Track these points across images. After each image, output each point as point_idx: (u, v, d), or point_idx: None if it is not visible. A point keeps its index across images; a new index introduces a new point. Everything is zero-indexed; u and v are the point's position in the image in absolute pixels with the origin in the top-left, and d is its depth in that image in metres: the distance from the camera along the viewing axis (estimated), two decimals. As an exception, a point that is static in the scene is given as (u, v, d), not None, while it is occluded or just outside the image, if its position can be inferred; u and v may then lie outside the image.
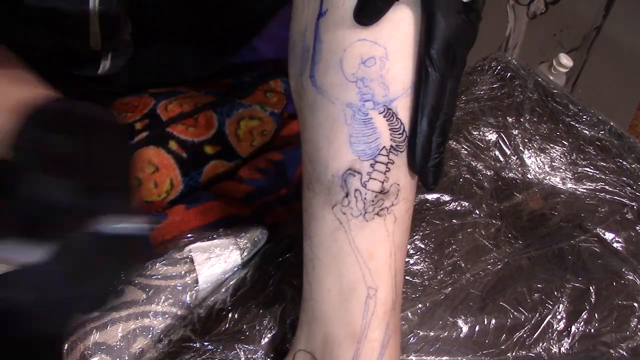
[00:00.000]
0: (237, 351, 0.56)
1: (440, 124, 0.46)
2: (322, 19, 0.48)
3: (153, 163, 0.73)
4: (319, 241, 0.50)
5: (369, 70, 0.46)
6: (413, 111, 0.47)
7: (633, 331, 0.62)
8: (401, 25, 0.46)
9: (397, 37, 0.46)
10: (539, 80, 0.83)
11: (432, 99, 0.45)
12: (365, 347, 0.48)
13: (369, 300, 0.48)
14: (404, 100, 0.46)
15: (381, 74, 0.46)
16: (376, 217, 0.48)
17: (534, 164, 0.75)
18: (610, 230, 0.70)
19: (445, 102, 0.46)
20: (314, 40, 0.49)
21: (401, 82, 0.46)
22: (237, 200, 0.75)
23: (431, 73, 0.45)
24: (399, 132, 0.47)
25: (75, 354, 0.56)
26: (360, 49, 0.46)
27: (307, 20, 0.49)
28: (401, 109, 0.47)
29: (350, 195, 0.47)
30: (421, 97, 0.45)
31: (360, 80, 0.46)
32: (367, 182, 0.47)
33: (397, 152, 0.47)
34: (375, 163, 0.47)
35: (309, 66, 0.49)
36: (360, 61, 0.46)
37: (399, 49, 0.46)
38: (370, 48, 0.46)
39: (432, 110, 0.45)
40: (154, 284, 0.60)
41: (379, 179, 0.47)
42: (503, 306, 0.62)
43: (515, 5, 1.31)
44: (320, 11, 0.48)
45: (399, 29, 0.46)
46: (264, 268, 0.62)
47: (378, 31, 0.46)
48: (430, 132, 0.46)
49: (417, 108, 0.46)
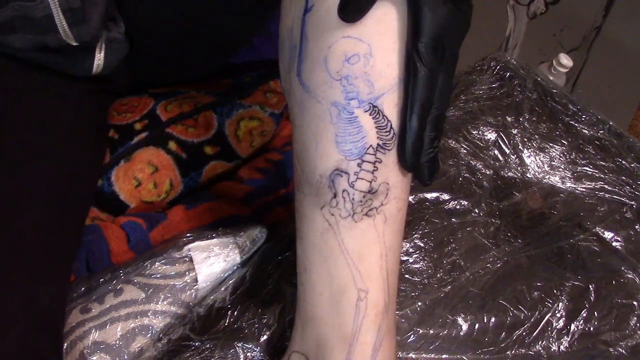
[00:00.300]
0: (236, 349, 0.56)
1: (432, 119, 0.45)
2: (308, 14, 0.47)
3: (153, 163, 0.73)
4: (309, 243, 0.49)
5: (353, 67, 0.45)
6: (402, 108, 0.45)
7: (632, 330, 0.62)
8: (385, 20, 0.45)
9: (382, 33, 0.45)
10: (538, 79, 0.83)
11: (422, 94, 0.44)
12: (357, 350, 0.47)
13: (359, 302, 0.47)
14: (390, 97, 0.45)
15: (365, 70, 0.45)
16: (365, 218, 0.47)
17: (534, 163, 0.75)
18: (609, 229, 0.70)
19: (436, 97, 0.45)
20: (300, 37, 0.48)
21: (386, 79, 0.45)
22: (237, 200, 0.76)
23: (419, 68, 0.44)
24: (385, 130, 0.46)
25: (75, 353, 0.56)
26: (344, 46, 0.45)
27: (294, 17, 0.48)
28: (387, 106, 0.45)
29: (339, 196, 0.46)
30: (410, 93, 0.44)
31: (345, 78, 0.45)
32: (355, 182, 0.46)
33: (385, 151, 0.46)
34: (363, 162, 0.46)
35: (296, 64, 0.48)
36: (345, 59, 0.45)
37: (383, 45, 0.45)
38: (355, 45, 0.45)
39: (422, 106, 0.44)
40: (153, 283, 0.60)
41: (367, 179, 0.46)
42: (502, 304, 0.62)
43: (515, 5, 1.31)
44: (307, 7, 0.47)
45: (383, 25, 0.45)
46: (263, 267, 0.62)
47: (362, 28, 0.45)
48: (420, 129, 0.45)
49: (405, 105, 0.45)
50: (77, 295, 0.60)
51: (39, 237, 0.56)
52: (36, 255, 0.55)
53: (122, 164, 0.73)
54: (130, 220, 0.70)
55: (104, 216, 0.72)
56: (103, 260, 0.66)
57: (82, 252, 0.65)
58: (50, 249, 0.57)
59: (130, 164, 0.73)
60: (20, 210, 0.56)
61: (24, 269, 0.54)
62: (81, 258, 0.64)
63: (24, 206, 0.57)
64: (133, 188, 0.72)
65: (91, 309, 0.58)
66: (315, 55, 0.47)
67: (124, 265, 0.62)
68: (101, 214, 0.73)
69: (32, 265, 0.54)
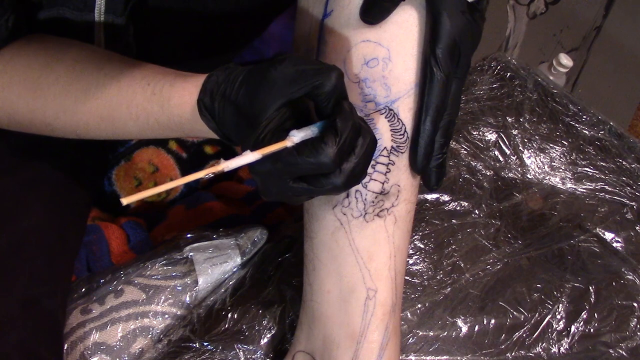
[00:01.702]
0: (236, 351, 0.56)
1: (444, 124, 0.46)
2: (327, 19, 0.48)
3: (153, 163, 0.73)
4: (319, 242, 0.50)
5: (372, 71, 0.46)
6: (416, 112, 0.47)
7: (632, 331, 0.62)
8: (405, 26, 0.46)
9: (401, 38, 0.46)
10: (538, 80, 0.83)
11: (437, 98, 0.45)
12: (364, 348, 0.48)
13: (368, 301, 0.48)
14: (406, 101, 0.47)
15: (383, 74, 0.46)
16: (376, 218, 0.48)
17: (534, 164, 0.75)
18: (609, 230, 0.70)
19: (449, 103, 0.46)
20: (318, 41, 0.49)
21: (403, 83, 0.46)
22: (237, 200, 0.75)
23: (436, 73, 0.44)
24: (400, 133, 0.47)
25: (75, 354, 0.56)
26: (363, 50, 0.46)
27: (312, 22, 0.49)
28: (403, 110, 0.47)
29: (351, 196, 0.47)
30: (425, 96, 0.45)
31: (363, 81, 0.46)
32: (368, 182, 0.47)
33: (398, 153, 0.47)
34: (376, 164, 0.47)
35: None
36: (364, 62, 0.46)
37: (402, 50, 0.46)
38: (374, 49, 0.46)
39: (437, 110, 0.45)
40: (153, 284, 0.60)
41: (379, 180, 0.47)
42: (502, 306, 0.62)
43: (515, 5, 1.31)
44: (325, 12, 0.48)
45: (402, 30, 0.46)
46: (264, 268, 0.62)
47: (382, 32, 0.46)
48: (433, 132, 0.46)
49: (420, 108, 0.46)
50: (78, 296, 0.60)
51: (40, 237, 0.56)
52: (37, 256, 0.55)
53: (123, 164, 0.73)
54: (130, 220, 0.70)
55: (104, 216, 0.72)
56: (103, 260, 0.66)
57: (82, 252, 0.64)
58: (51, 249, 0.57)
59: (130, 164, 0.73)
60: (21, 211, 0.56)
61: (25, 269, 0.54)
62: (81, 258, 0.64)
63: (25, 207, 0.57)
64: (133, 188, 0.72)
65: (92, 309, 0.58)
66: (333, 59, 0.47)
67: (125, 266, 0.62)
68: (102, 213, 0.72)
69: (33, 265, 0.54)
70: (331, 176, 0.39)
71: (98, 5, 0.52)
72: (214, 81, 0.42)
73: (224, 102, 0.41)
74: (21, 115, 0.50)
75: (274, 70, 0.40)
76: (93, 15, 0.53)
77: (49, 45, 0.50)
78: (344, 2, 0.47)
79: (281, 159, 0.38)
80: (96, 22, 0.53)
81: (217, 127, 0.43)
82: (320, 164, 0.38)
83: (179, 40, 0.72)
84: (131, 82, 0.47)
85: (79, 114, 0.48)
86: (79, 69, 0.48)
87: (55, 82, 0.48)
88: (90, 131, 0.50)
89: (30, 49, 0.50)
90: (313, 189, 0.40)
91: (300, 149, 0.38)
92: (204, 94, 0.43)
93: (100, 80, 0.47)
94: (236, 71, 0.42)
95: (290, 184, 0.39)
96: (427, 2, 0.45)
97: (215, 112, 0.42)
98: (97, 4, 0.52)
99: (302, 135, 0.39)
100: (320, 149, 0.37)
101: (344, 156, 0.39)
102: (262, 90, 0.40)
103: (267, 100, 0.39)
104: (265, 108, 0.39)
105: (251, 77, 0.41)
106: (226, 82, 0.42)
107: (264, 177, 0.40)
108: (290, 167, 0.38)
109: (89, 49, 0.51)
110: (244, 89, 0.41)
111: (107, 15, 0.53)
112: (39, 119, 0.50)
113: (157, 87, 0.45)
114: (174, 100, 0.44)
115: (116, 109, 0.47)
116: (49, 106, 0.49)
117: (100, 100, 0.47)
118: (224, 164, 0.37)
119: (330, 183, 0.39)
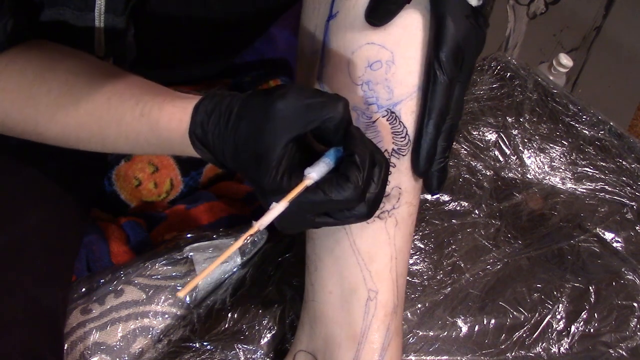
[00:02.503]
0: (236, 351, 0.56)
1: (447, 128, 0.46)
2: (332, 21, 0.48)
3: (153, 163, 0.73)
4: (321, 242, 0.50)
5: (375, 73, 0.46)
6: (418, 115, 0.47)
7: (632, 331, 0.62)
8: (409, 29, 0.46)
9: (405, 41, 0.46)
10: (538, 80, 0.83)
11: (440, 102, 0.45)
12: (365, 348, 0.48)
13: (369, 302, 0.48)
14: (408, 104, 0.47)
15: (386, 77, 0.46)
16: (377, 220, 0.48)
17: (534, 164, 0.75)
18: (609, 230, 0.70)
19: (452, 107, 0.46)
20: (322, 43, 0.49)
21: (406, 86, 0.46)
22: (237, 201, 0.75)
23: (439, 76, 0.45)
24: (401, 136, 0.47)
25: (75, 354, 0.56)
26: (367, 52, 0.46)
27: (317, 23, 0.49)
28: (405, 113, 0.47)
29: None
30: (428, 100, 0.45)
31: (366, 84, 0.46)
32: None
33: (399, 156, 0.47)
34: None
35: (316, 69, 0.49)
36: (367, 64, 0.46)
37: (405, 53, 0.46)
38: (378, 51, 0.46)
39: (439, 113, 0.45)
40: (153, 284, 0.60)
41: None
42: (502, 306, 0.62)
43: (515, 5, 1.31)
44: (331, 13, 0.48)
45: (407, 33, 0.46)
46: (264, 268, 0.62)
47: (386, 35, 0.46)
48: (436, 136, 0.46)
49: (423, 112, 0.46)
50: (78, 296, 0.60)
51: (40, 237, 0.56)
52: (37, 256, 0.55)
53: (123, 164, 0.73)
54: (130, 220, 0.70)
55: (104, 216, 0.72)
56: (103, 260, 0.66)
57: (82, 252, 0.64)
58: (51, 249, 0.57)
59: (130, 164, 0.73)
60: (22, 211, 0.56)
61: (25, 269, 0.54)
62: (81, 258, 0.64)
63: (25, 207, 0.57)
64: (133, 188, 0.72)
65: (92, 309, 0.58)
66: (337, 61, 0.48)
67: (125, 266, 0.62)
68: (102, 213, 0.72)
69: (33, 265, 0.54)
70: (355, 208, 0.40)
71: (98, 5, 0.52)
72: (203, 111, 0.42)
73: (221, 137, 0.41)
74: (14, 122, 0.50)
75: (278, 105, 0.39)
76: (93, 15, 0.53)
77: (44, 54, 0.50)
78: (349, 4, 0.47)
79: (307, 200, 0.39)
80: (96, 22, 0.53)
81: (214, 158, 0.43)
82: (347, 201, 0.39)
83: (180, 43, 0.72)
84: (121, 100, 0.46)
85: (70, 127, 0.48)
86: (72, 82, 0.48)
87: (47, 93, 0.48)
88: (82, 145, 0.50)
89: (26, 56, 0.50)
90: (338, 221, 0.41)
91: (324, 188, 0.39)
92: (195, 126, 0.42)
93: (91, 96, 0.47)
94: (226, 100, 0.42)
95: (315, 220, 0.41)
96: (432, 6, 0.45)
97: (210, 144, 0.42)
98: (97, 4, 0.52)
99: (320, 171, 0.40)
100: (346, 187, 0.39)
101: (366, 189, 0.40)
102: (268, 127, 0.39)
103: (275, 138, 0.39)
104: (274, 146, 0.39)
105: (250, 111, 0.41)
106: (218, 113, 0.42)
107: (288, 217, 0.40)
108: (317, 207, 0.39)
109: (84, 60, 0.50)
110: (245, 125, 0.41)
111: (107, 15, 0.53)
112: (30, 128, 0.50)
113: (145, 108, 0.45)
114: (162, 124, 0.44)
115: (106, 127, 0.47)
116: (41, 116, 0.48)
117: (91, 117, 0.47)
118: (258, 223, 0.39)
119: (355, 215, 0.40)
